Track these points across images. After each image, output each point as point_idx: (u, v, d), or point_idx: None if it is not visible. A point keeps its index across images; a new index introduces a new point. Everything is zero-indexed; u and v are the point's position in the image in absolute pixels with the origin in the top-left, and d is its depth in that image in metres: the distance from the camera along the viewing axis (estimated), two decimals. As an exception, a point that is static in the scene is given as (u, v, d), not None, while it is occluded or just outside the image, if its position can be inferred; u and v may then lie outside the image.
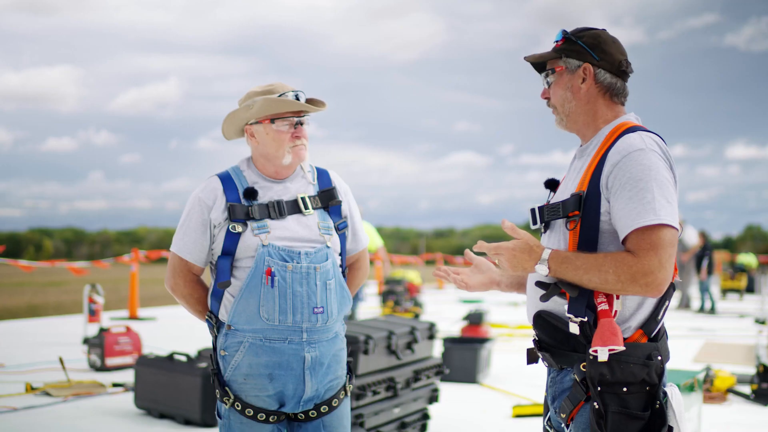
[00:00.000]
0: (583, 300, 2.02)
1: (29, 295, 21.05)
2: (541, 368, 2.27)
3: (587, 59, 2.19)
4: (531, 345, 2.27)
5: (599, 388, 2.00)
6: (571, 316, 2.04)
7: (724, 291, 20.32)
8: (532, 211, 2.21)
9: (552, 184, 2.33)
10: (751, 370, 7.55)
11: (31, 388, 6.36)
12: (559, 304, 2.10)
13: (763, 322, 12.42)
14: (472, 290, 2.51)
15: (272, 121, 2.62)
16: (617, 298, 2.03)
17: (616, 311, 2.02)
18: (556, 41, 2.24)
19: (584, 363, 2.02)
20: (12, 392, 6.33)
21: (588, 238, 2.06)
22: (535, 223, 2.21)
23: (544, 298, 2.08)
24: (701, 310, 15.24)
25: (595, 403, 2.00)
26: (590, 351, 1.99)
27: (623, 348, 1.98)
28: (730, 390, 6.58)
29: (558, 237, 2.14)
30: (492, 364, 7.63)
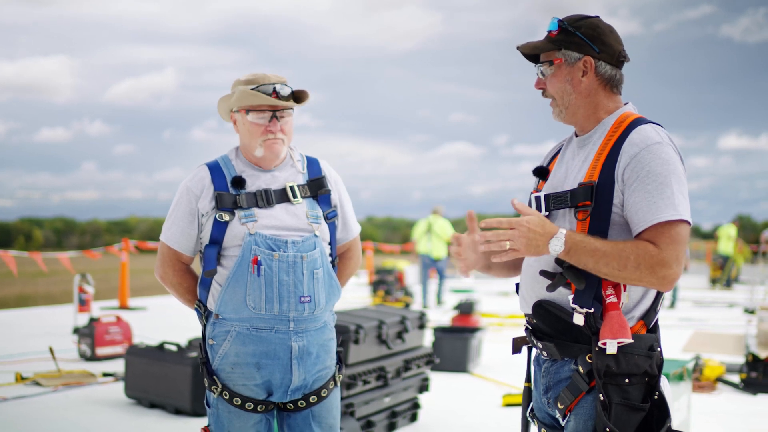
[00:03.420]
0: (591, 291, 1.99)
1: (19, 285, 20.95)
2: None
3: (588, 52, 2.11)
4: (520, 334, 2.26)
5: (603, 380, 1.98)
6: (576, 306, 2.00)
7: (713, 281, 20.41)
8: (537, 198, 2.14)
9: (541, 172, 2.28)
10: (740, 360, 7.59)
11: (21, 378, 6.34)
12: (562, 294, 2.06)
13: (752, 312, 12.48)
14: (474, 269, 2.34)
15: (248, 112, 2.61)
16: (624, 290, 2.00)
17: (622, 303, 2.00)
18: (550, 31, 2.14)
19: (590, 354, 2.00)
20: (2, 382, 6.31)
21: (598, 229, 2.01)
22: (539, 211, 2.13)
23: (551, 289, 2.03)
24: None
25: (600, 395, 1.98)
26: (599, 343, 1.96)
27: (631, 341, 1.96)
28: (719, 379, 6.61)
29: (562, 227, 2.06)
30: (482, 354, 7.65)
